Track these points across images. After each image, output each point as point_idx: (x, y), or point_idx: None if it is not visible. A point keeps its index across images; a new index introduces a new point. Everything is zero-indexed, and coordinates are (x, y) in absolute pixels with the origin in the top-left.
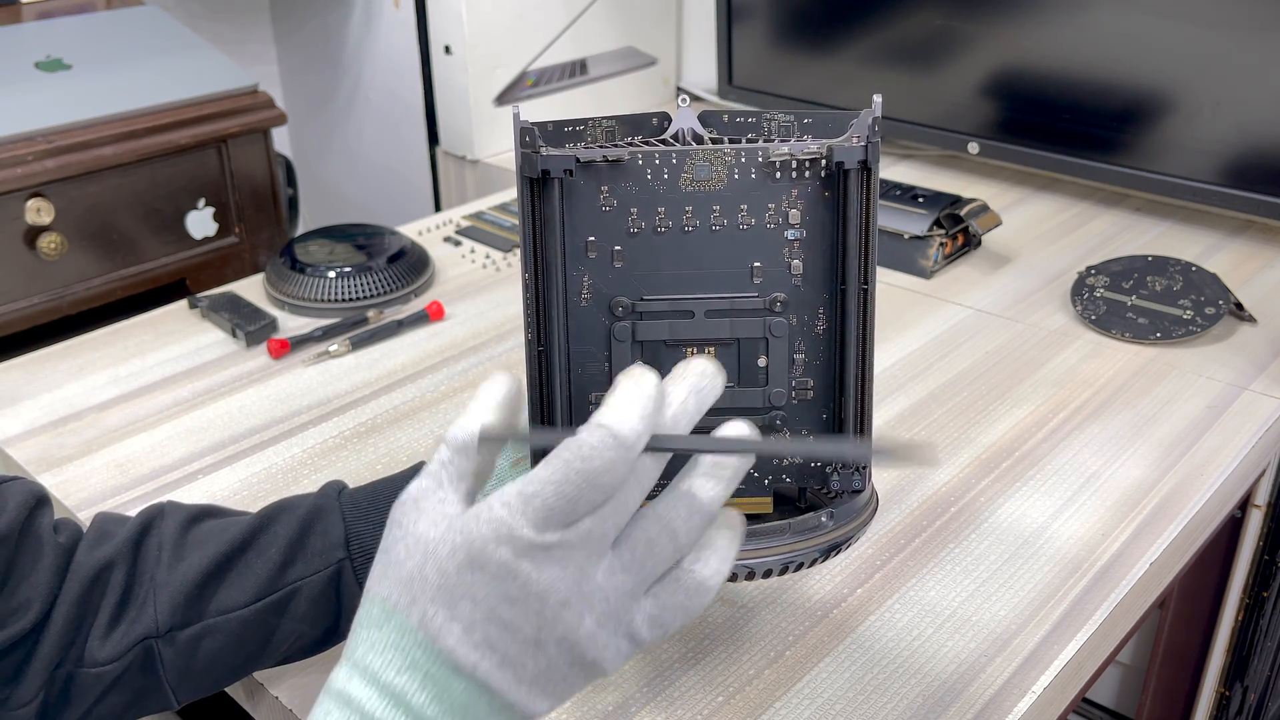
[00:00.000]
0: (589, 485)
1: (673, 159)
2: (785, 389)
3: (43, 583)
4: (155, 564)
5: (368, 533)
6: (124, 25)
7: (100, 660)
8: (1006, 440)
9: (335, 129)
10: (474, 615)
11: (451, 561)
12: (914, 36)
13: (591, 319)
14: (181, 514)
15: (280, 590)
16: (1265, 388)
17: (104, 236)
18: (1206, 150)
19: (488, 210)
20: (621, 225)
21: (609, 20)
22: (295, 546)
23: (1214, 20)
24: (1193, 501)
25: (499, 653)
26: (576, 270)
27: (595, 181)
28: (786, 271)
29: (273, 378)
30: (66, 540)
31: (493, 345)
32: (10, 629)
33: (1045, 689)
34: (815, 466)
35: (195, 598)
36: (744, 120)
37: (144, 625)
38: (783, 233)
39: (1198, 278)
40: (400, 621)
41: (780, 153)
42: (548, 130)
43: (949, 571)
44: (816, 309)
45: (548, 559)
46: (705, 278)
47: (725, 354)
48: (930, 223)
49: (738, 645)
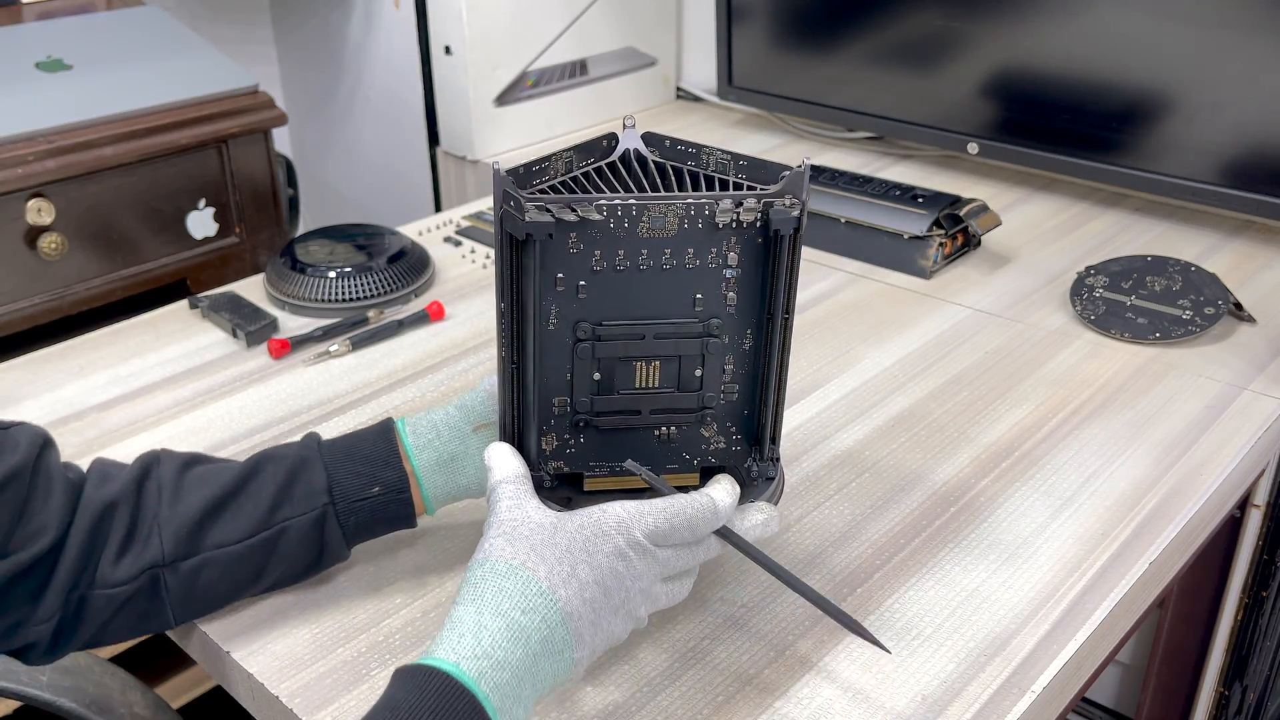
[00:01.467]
0: (685, 527)
1: (633, 211)
2: (716, 393)
3: (56, 512)
4: (157, 502)
5: (346, 481)
6: (124, 25)
7: (112, 582)
8: (1006, 440)
9: (335, 129)
10: (586, 578)
11: (580, 535)
12: (914, 36)
13: (558, 340)
14: (176, 460)
15: (270, 529)
16: (1264, 388)
17: (104, 237)
18: (1206, 150)
19: (488, 210)
20: (586, 264)
21: (609, 20)
22: (283, 491)
23: (1213, 20)
24: (1192, 501)
25: (595, 610)
26: (546, 300)
27: (567, 230)
28: (723, 301)
29: (273, 378)
30: (75, 477)
31: (492, 345)
32: (29, 551)
33: (1045, 688)
34: (736, 452)
35: (195, 533)
36: (684, 149)
37: (151, 555)
38: (722, 270)
39: (1197, 278)
40: (527, 577)
41: (725, 209)
42: (518, 174)
43: (948, 571)
44: (745, 330)
45: (643, 556)
46: (655, 305)
47: (668, 366)
48: (930, 223)
49: (737, 645)
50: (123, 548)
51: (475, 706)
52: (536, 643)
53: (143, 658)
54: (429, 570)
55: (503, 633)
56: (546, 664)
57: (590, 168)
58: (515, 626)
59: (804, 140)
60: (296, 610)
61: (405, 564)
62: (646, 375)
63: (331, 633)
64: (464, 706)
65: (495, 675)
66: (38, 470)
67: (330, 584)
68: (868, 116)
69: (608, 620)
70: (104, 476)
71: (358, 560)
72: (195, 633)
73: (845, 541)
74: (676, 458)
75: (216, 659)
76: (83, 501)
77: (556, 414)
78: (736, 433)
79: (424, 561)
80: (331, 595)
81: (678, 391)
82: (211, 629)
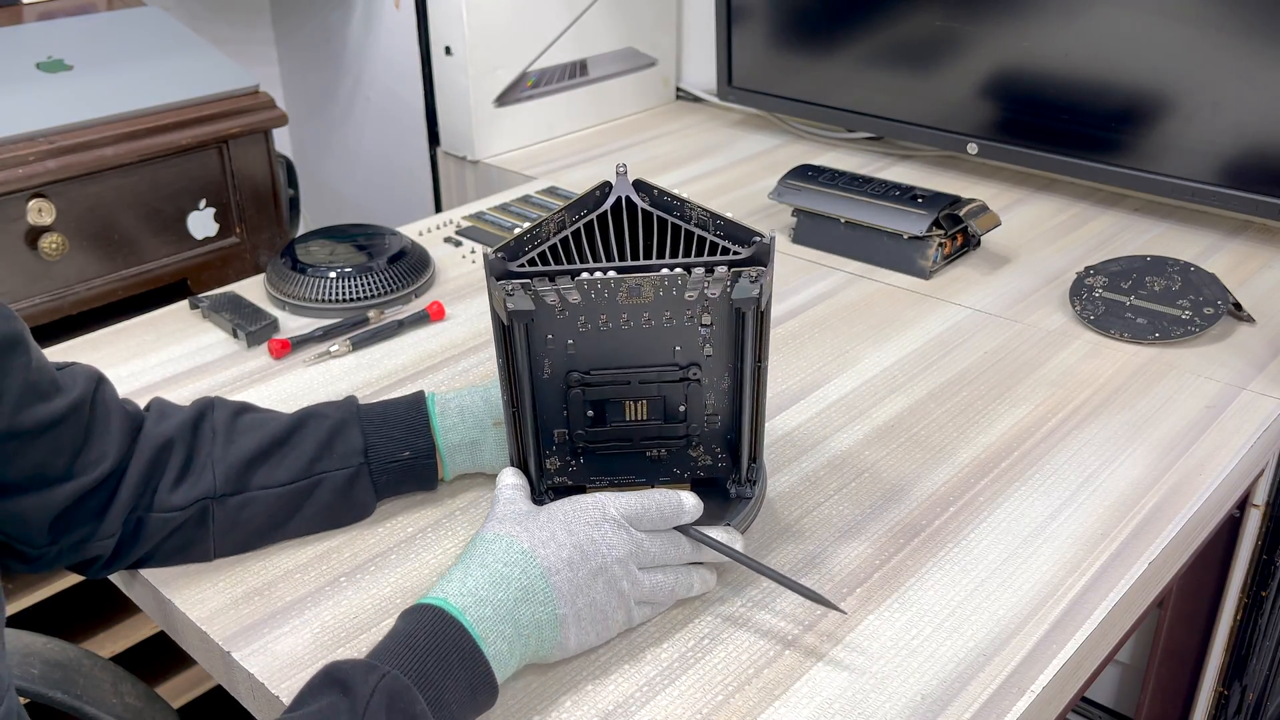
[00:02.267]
0: (655, 511)
1: (612, 284)
2: (700, 423)
3: (115, 440)
4: (211, 442)
5: (381, 444)
6: (125, 26)
7: (169, 507)
8: (1005, 440)
9: (336, 129)
10: (564, 541)
11: (560, 511)
12: (913, 37)
13: (553, 385)
14: (229, 407)
15: (311, 477)
16: (1264, 387)
17: (105, 237)
18: (1205, 151)
19: (488, 210)
20: (573, 326)
21: (609, 21)
22: (324, 446)
23: (1213, 21)
24: (1191, 501)
25: (573, 569)
26: (539, 355)
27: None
28: (700, 352)
29: (274, 378)
30: (133, 410)
31: (493, 345)
32: (92, 475)
33: (1044, 688)
34: (722, 467)
35: (244, 472)
36: (670, 200)
37: (204, 486)
38: (697, 328)
39: (1196, 278)
40: (510, 541)
41: (694, 283)
42: (509, 247)
43: (948, 571)
44: (723, 373)
45: (618, 529)
46: (638, 356)
47: (654, 403)
48: (929, 223)
49: (737, 644)
50: (179, 478)
51: (462, 632)
52: (517, 589)
53: (143, 657)
54: (429, 570)
55: (486, 579)
56: (527, 610)
57: (581, 224)
58: (497, 575)
59: (804, 140)
60: (296, 610)
61: (405, 565)
62: (635, 410)
63: (331, 633)
64: (454, 633)
65: (478, 610)
66: (95, 403)
67: (330, 584)
68: (868, 117)
69: (588, 584)
70: (162, 414)
71: (358, 560)
72: (195, 631)
73: (845, 541)
74: (668, 472)
75: (216, 659)
76: (143, 433)
77: (557, 443)
78: (722, 451)
79: (424, 561)
80: (331, 595)
81: (664, 423)
82: (212, 629)
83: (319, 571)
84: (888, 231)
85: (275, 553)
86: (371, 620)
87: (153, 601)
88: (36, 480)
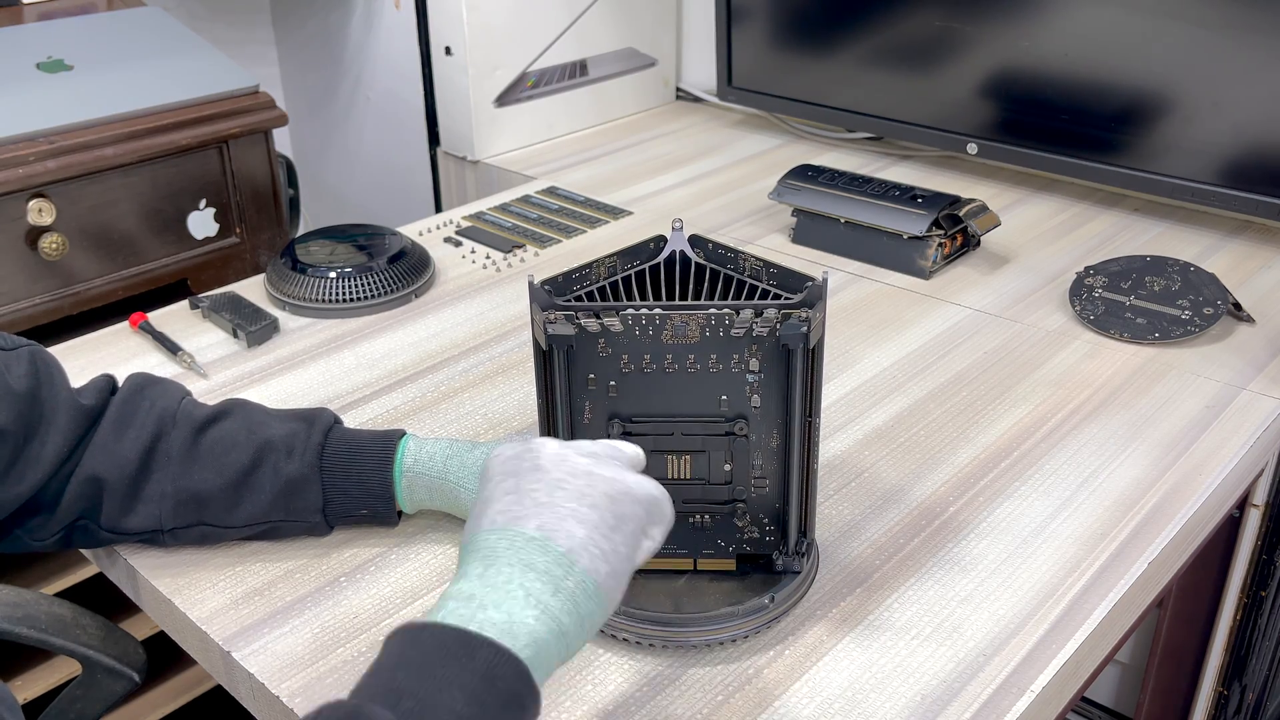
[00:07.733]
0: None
1: (656, 320)
2: (746, 486)
3: (55, 446)
4: (164, 469)
5: (339, 501)
6: (125, 26)
7: (119, 530)
8: (1005, 440)
9: (336, 130)
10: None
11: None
12: (913, 37)
13: (593, 432)
14: (191, 423)
15: (265, 524)
16: (1263, 387)
17: (105, 237)
18: (1205, 151)
19: (488, 211)
20: (615, 366)
21: (609, 21)
22: (279, 500)
23: (1213, 21)
24: (1191, 501)
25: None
26: (579, 397)
27: (595, 337)
28: (747, 403)
29: (274, 378)
30: (88, 405)
31: (493, 345)
32: (28, 483)
33: (1044, 688)
34: (769, 542)
35: (196, 508)
36: (724, 252)
37: (152, 519)
38: (745, 375)
39: (1196, 278)
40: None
41: (742, 320)
42: (557, 282)
43: (948, 571)
44: (772, 430)
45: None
46: (682, 404)
47: (699, 459)
48: (929, 223)
49: (737, 644)
50: (124, 508)
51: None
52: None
53: None
54: (430, 570)
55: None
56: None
57: (633, 271)
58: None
59: (804, 141)
60: (296, 610)
61: (405, 565)
62: (677, 468)
63: (331, 633)
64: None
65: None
66: (39, 400)
67: (330, 584)
68: (867, 117)
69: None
70: (122, 423)
71: (358, 560)
72: (195, 631)
73: (845, 541)
74: (712, 544)
75: (216, 659)
76: (92, 448)
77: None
78: (770, 523)
79: (424, 561)
80: (331, 595)
81: (708, 484)
82: (212, 629)
83: (319, 571)
84: (888, 231)
85: (275, 553)
86: (372, 620)
87: (152, 601)
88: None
